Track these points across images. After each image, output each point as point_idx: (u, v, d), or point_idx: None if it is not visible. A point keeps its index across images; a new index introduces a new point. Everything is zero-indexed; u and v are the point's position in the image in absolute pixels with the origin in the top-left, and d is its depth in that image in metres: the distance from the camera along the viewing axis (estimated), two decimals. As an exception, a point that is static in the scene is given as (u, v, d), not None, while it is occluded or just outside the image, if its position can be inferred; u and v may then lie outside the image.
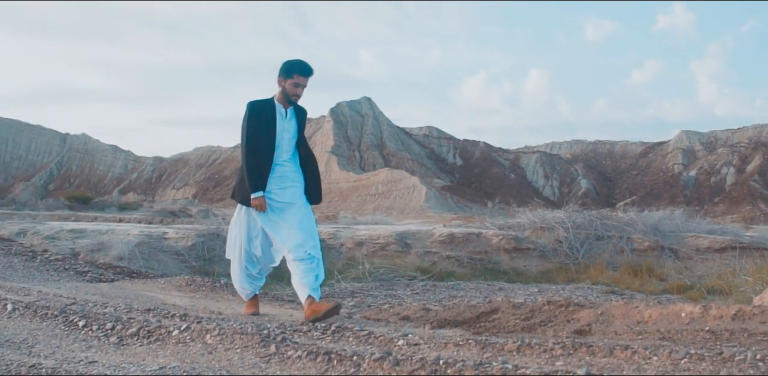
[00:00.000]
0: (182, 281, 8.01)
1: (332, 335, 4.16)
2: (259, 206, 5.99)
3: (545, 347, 3.41)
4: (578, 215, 23.38)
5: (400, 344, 3.82)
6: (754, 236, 24.99)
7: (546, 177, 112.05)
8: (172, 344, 3.84)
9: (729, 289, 13.15)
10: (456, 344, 3.67)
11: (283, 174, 6.15)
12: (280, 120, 6.11)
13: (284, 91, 6.12)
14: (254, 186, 5.99)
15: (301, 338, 4.12)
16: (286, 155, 6.18)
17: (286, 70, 6.10)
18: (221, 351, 3.60)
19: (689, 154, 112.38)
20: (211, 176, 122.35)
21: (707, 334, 4.50)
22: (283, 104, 6.16)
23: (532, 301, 12.66)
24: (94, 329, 4.32)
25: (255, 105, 6.10)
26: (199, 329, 3.91)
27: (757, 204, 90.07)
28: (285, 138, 6.15)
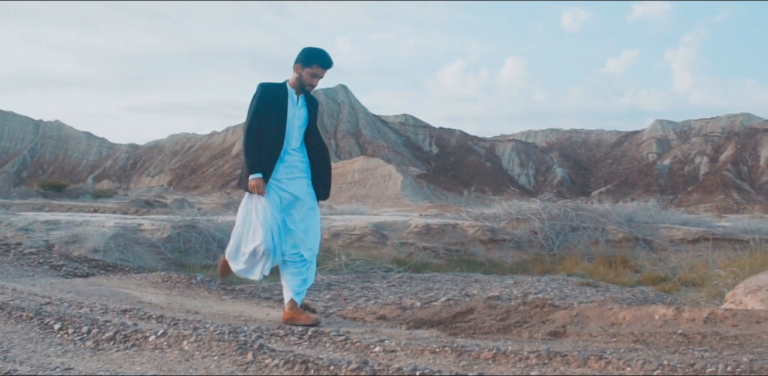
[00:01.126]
0: (158, 277, 7.97)
1: (309, 340, 4.16)
2: (257, 187, 5.72)
3: (520, 356, 3.43)
4: (553, 206, 23.51)
5: (376, 351, 3.83)
6: (727, 227, 25.25)
7: (521, 165, 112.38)
8: (149, 350, 3.83)
9: (702, 281, 13.27)
10: (432, 351, 3.69)
11: (292, 163, 5.94)
12: (291, 106, 5.91)
13: (300, 78, 5.93)
14: (252, 167, 5.74)
15: (278, 343, 4.12)
16: (295, 143, 5.96)
17: (306, 58, 5.91)
18: (198, 358, 3.60)
19: (663, 143, 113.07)
20: (186, 164, 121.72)
21: (680, 337, 4.54)
22: (296, 91, 5.97)
23: (507, 294, 12.75)
24: (69, 333, 4.30)
25: (267, 87, 5.91)
26: (176, 335, 3.90)
27: (730, 193, 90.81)
28: (295, 125, 5.93)
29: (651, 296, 13.26)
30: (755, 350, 4.17)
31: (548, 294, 12.99)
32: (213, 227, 16.58)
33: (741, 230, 22.98)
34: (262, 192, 5.73)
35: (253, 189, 5.76)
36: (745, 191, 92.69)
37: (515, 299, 12.39)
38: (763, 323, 4.68)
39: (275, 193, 5.81)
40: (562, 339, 4.79)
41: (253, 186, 5.74)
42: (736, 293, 8.07)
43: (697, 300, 11.33)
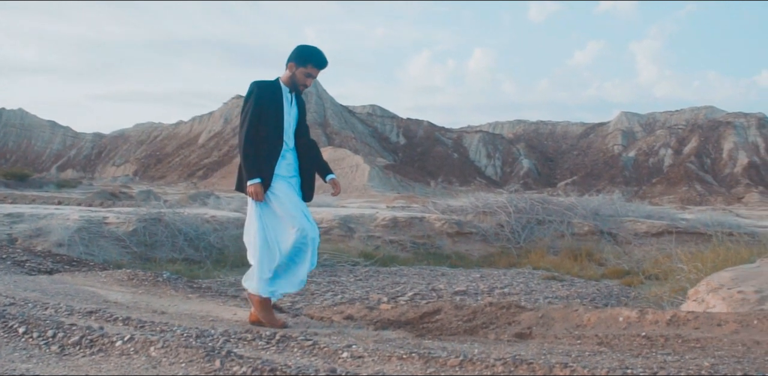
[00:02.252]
0: (124, 274, 7.91)
1: (277, 344, 4.16)
2: (256, 193, 5.48)
3: (487, 363, 3.47)
4: (520, 198, 23.66)
5: (344, 357, 3.84)
6: (690, 220, 25.50)
7: (488, 157, 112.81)
8: (116, 356, 3.81)
9: (665, 276, 13.41)
10: (400, 358, 3.71)
11: (290, 161, 5.75)
12: (286, 104, 5.72)
13: (294, 77, 5.72)
14: (251, 172, 5.50)
15: (246, 347, 4.12)
16: (290, 142, 5.78)
17: (301, 57, 5.69)
18: (166, 365, 3.59)
19: (629, 135, 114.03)
20: (152, 153, 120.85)
21: (643, 340, 4.60)
22: (289, 89, 5.77)
23: (474, 289, 12.84)
24: (34, 337, 4.26)
25: (262, 85, 5.66)
26: (143, 341, 3.89)
27: (693, 185, 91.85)
28: (291, 124, 5.77)
29: (615, 291, 13.40)
30: (716, 354, 4.24)
31: (514, 289, 13.09)
32: (179, 220, 16.47)
33: (703, 224, 23.24)
34: (261, 199, 5.50)
35: (252, 195, 5.54)
36: (708, 183, 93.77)
37: (482, 293, 12.47)
38: (724, 325, 4.76)
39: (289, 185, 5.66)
40: (528, 341, 4.84)
41: (252, 193, 5.53)
42: (699, 290, 8.17)
43: (661, 295, 11.46)
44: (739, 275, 8.31)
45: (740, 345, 4.38)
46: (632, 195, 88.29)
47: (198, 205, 24.42)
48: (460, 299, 11.80)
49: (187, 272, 13.51)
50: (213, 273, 13.65)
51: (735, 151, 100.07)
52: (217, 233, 16.56)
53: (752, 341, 4.42)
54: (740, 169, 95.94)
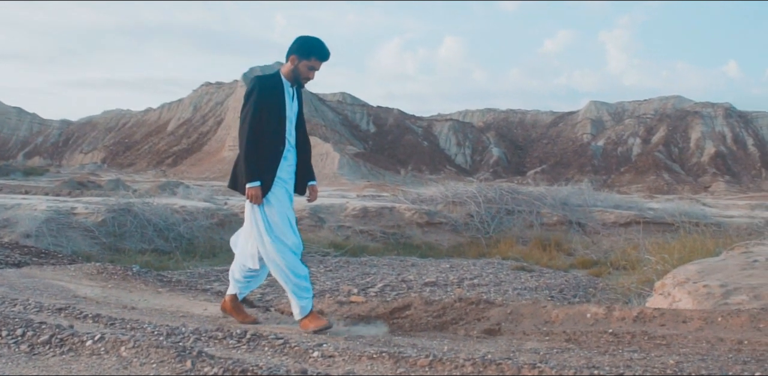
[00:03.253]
0: (93, 268, 7.85)
1: (248, 343, 4.17)
2: (255, 197, 5.25)
3: (456, 363, 3.50)
4: (489, 189, 23.75)
5: (315, 356, 3.86)
6: (657, 210, 25.74)
7: (458, 145, 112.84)
8: (86, 356, 3.81)
9: (633, 266, 13.56)
10: (370, 357, 3.74)
11: (290, 161, 5.52)
12: (287, 100, 5.46)
13: (296, 71, 5.45)
14: (251, 174, 5.26)
15: (217, 346, 4.13)
16: (292, 139, 5.52)
17: (303, 49, 5.42)
18: (137, 366, 3.58)
19: (598, 124, 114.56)
20: (120, 141, 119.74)
21: (610, 337, 4.67)
22: (291, 83, 5.50)
23: (443, 279, 12.91)
24: (3, 336, 4.23)
25: (264, 82, 5.43)
26: (114, 341, 3.88)
27: (661, 174, 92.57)
28: (292, 120, 5.52)
29: (584, 282, 13.53)
30: (681, 351, 4.31)
31: (483, 279, 13.18)
32: (148, 210, 16.40)
33: (670, 214, 23.49)
34: (259, 202, 5.28)
35: (251, 199, 5.29)
36: (676, 172, 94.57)
37: (451, 284, 12.55)
38: (689, 322, 4.84)
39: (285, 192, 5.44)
40: (497, 338, 4.89)
41: (251, 196, 5.28)
42: (665, 283, 8.28)
43: (628, 286, 11.60)
44: (705, 268, 8.42)
45: (705, 342, 4.46)
46: (601, 184, 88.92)
47: (167, 195, 24.31)
48: (430, 290, 11.87)
49: (157, 263, 13.48)
50: (183, 264, 13.63)
51: (702, 140, 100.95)
52: (186, 223, 16.52)
53: (716, 338, 4.50)
54: (707, 159, 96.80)
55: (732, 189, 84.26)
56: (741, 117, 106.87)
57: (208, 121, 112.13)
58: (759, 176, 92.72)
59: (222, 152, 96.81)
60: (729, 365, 3.93)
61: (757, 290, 6.73)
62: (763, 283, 7.13)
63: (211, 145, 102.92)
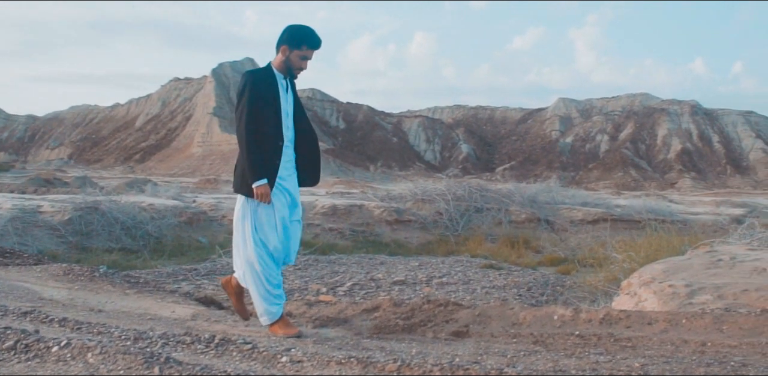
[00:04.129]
0: (60, 269, 7.79)
1: (216, 348, 4.16)
2: (264, 195, 5.07)
3: (424, 369, 3.52)
4: (458, 186, 23.82)
5: (283, 361, 3.86)
6: (624, 207, 25.98)
7: (428, 141, 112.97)
8: (52, 362, 3.78)
9: (600, 264, 13.66)
10: (339, 362, 3.75)
11: (288, 157, 5.33)
12: (282, 93, 5.28)
13: (288, 61, 5.28)
14: (258, 173, 5.07)
15: (185, 351, 4.11)
16: (290, 134, 5.33)
17: (294, 39, 5.26)
18: (104, 372, 3.56)
19: (566, 121, 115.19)
20: (87, 136, 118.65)
21: (577, 339, 4.72)
22: (283, 75, 5.33)
23: (412, 278, 12.94)
24: (-32, 341, 4.20)
25: (256, 76, 5.25)
26: (81, 346, 3.85)
27: (629, 171, 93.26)
28: (288, 113, 5.34)
29: (551, 280, 13.62)
30: (646, 353, 4.36)
31: (452, 278, 13.22)
32: (116, 208, 16.27)
33: (637, 211, 23.73)
34: (269, 200, 5.12)
35: (259, 198, 5.09)
36: (643, 169, 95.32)
37: (420, 283, 12.58)
38: (655, 324, 4.90)
39: (281, 193, 5.25)
40: (465, 340, 4.92)
41: (259, 195, 5.08)
42: (632, 282, 8.36)
43: (595, 285, 11.69)
44: (670, 268, 8.51)
45: (669, 344, 4.51)
46: (569, 180, 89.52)
47: (135, 192, 24.16)
48: (399, 289, 11.89)
49: (124, 262, 13.40)
50: (150, 263, 13.54)
51: (669, 137, 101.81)
52: (154, 221, 16.42)
53: (681, 340, 4.56)
54: (673, 156, 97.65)
55: (698, 186, 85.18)
56: (707, 114, 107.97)
57: (177, 117, 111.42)
58: (724, 173, 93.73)
59: (191, 148, 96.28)
60: (693, 367, 3.98)
61: (720, 290, 6.82)
62: (727, 282, 7.22)
63: (180, 141, 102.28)
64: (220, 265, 13.66)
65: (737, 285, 6.99)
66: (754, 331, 4.63)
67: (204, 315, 6.03)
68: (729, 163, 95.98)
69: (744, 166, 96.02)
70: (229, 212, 19.44)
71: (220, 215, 19.09)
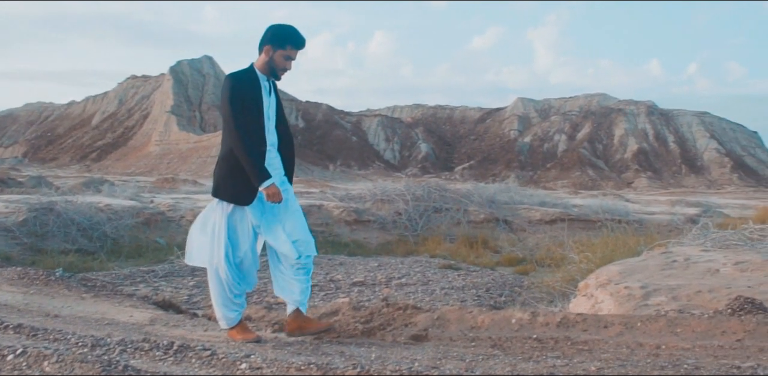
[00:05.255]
0: (14, 273, 7.67)
1: (174, 355, 4.13)
2: (275, 194, 4.95)
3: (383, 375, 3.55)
4: (418, 187, 23.89)
5: (242, 368, 3.86)
6: (581, 207, 26.24)
7: (387, 140, 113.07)
8: (7, 372, 3.73)
9: (557, 264, 13.79)
10: (298, 369, 3.75)
11: (269, 161, 5.14)
12: (264, 95, 5.13)
13: (272, 62, 5.13)
14: (262, 175, 4.92)
15: (143, 358, 4.08)
16: (272, 137, 5.19)
17: (277, 38, 5.12)
18: (60, 381, 3.54)
19: (525, 120, 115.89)
20: (42, 134, 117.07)
21: (535, 342, 4.77)
22: (267, 76, 5.18)
23: (371, 279, 12.97)
24: None
25: (239, 78, 5.08)
26: (36, 355, 3.81)
27: (586, 170, 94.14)
28: (270, 116, 5.20)
29: (510, 280, 13.74)
30: (602, 357, 4.42)
31: (411, 279, 13.28)
32: (72, 209, 16.09)
33: (594, 211, 23.98)
34: (281, 199, 5.00)
35: (270, 198, 4.97)
36: (600, 169, 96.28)
37: (379, 284, 12.62)
38: (610, 327, 4.96)
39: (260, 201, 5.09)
40: (424, 344, 4.95)
41: (270, 195, 4.96)
42: (588, 284, 8.46)
43: (553, 285, 11.79)
44: (626, 269, 8.63)
45: (625, 347, 4.58)
46: (527, 180, 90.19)
47: (92, 192, 23.90)
48: (358, 290, 11.92)
49: (81, 263, 13.26)
50: (107, 265, 13.42)
51: (625, 137, 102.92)
52: (111, 222, 16.27)
53: (636, 343, 4.63)
54: (630, 155, 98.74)
55: (654, 185, 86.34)
56: (662, 115, 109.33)
57: (134, 115, 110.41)
58: (679, 173, 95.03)
59: (148, 147, 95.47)
60: (647, 370, 4.04)
61: (675, 292, 6.93)
62: (681, 284, 7.33)
63: (137, 139, 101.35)
64: (179, 266, 13.58)
65: (691, 286, 7.11)
66: (707, 334, 4.72)
67: (162, 319, 5.99)
68: (684, 163, 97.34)
69: (698, 166, 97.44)
70: (187, 212, 19.32)
71: (178, 216, 18.96)
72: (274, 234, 5.12)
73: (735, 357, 4.31)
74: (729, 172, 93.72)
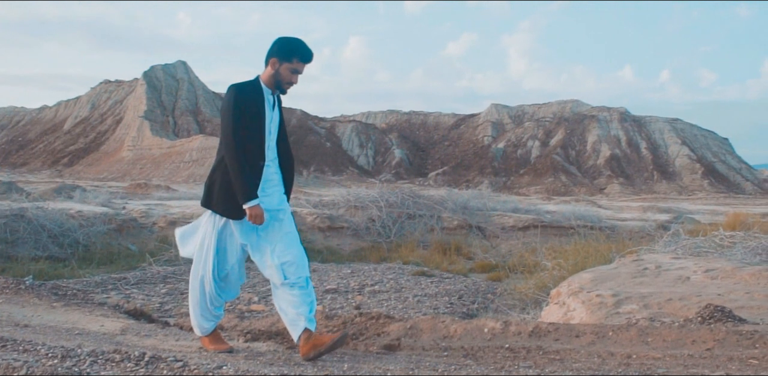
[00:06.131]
0: (-17, 281, 7.60)
1: (146, 366, 4.10)
2: (258, 216, 4.81)
3: (355, 386, 3.55)
4: (391, 193, 23.89)
5: (214, 380, 3.85)
6: (554, 213, 26.33)
7: (361, 146, 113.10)
8: (-25, 385, 3.70)
9: (530, 271, 13.85)
10: (270, 380, 3.75)
11: (268, 176, 5.02)
12: (267, 109, 5.00)
13: (278, 75, 5.01)
14: (248, 193, 4.80)
15: (114, 370, 4.04)
16: (271, 153, 5.06)
17: (284, 51, 4.99)
18: (29, 393, 3.51)
19: (498, 126, 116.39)
20: (13, 139, 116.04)
21: (507, 352, 4.78)
22: (271, 90, 5.05)
23: (344, 286, 12.96)
24: None
25: (242, 89, 4.95)
26: (6, 367, 3.77)
27: (559, 176, 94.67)
28: (272, 131, 5.06)
29: (483, 287, 13.76)
30: (574, 366, 4.44)
31: (384, 286, 13.27)
32: (43, 215, 15.94)
33: (567, 217, 24.07)
34: (262, 221, 4.85)
35: (253, 219, 4.82)
36: (573, 174, 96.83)
37: (352, 291, 12.61)
38: (582, 337, 4.99)
39: None
40: (397, 353, 4.95)
41: (253, 216, 4.82)
42: (561, 291, 8.50)
43: (526, 292, 11.84)
44: (598, 277, 8.69)
45: (596, 357, 4.61)
46: (500, 186, 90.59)
47: (63, 198, 23.70)
48: (331, 297, 11.90)
49: (51, 271, 13.15)
50: (78, 272, 13.31)
51: (598, 143, 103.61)
52: (83, 229, 16.14)
53: (607, 352, 4.66)
54: (603, 161, 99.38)
55: (626, 191, 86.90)
56: (635, 121, 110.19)
57: (107, 120, 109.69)
58: (651, 179, 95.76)
59: (120, 152, 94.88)
60: (618, 380, 4.07)
61: (646, 300, 6.98)
62: (652, 292, 7.39)
63: (110, 144, 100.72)
64: (150, 273, 13.50)
65: (662, 294, 7.17)
66: (677, 343, 4.75)
67: (134, 329, 5.95)
68: (656, 169, 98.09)
69: (670, 172, 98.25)
70: (159, 218, 19.22)
71: (150, 222, 18.85)
72: (261, 256, 4.99)
73: (705, 366, 4.35)
74: (700, 178, 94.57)
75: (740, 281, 7.80)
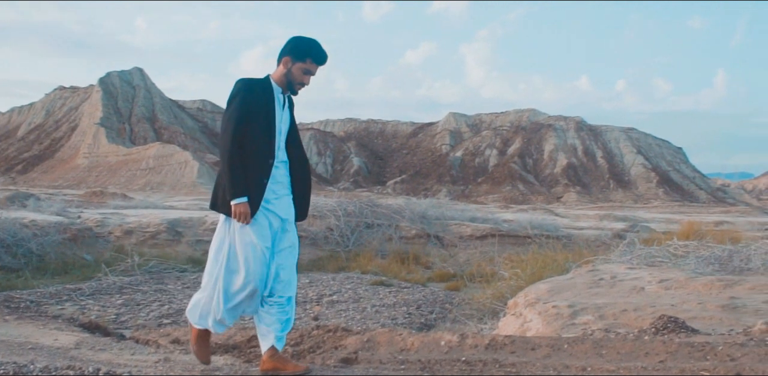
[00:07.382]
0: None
1: (100, 382, 4.08)
2: (243, 214, 4.53)
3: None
4: (350, 202, 23.91)
5: (170, 396, 3.83)
6: (512, 222, 26.53)
7: (320, 154, 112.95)
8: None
9: (487, 280, 13.93)
10: (226, 396, 3.73)
11: (279, 178, 4.79)
12: (278, 108, 4.81)
13: (289, 75, 4.84)
14: (237, 189, 4.55)
15: (68, 385, 4.02)
16: (282, 154, 4.83)
17: (298, 50, 4.84)
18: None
19: (456, 135, 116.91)
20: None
21: (463, 365, 4.80)
22: (282, 89, 4.86)
23: (302, 296, 12.93)
24: None
25: (250, 84, 4.76)
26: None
27: (517, 185, 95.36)
28: (282, 132, 4.85)
29: (441, 297, 13.82)
30: (530, 379, 4.48)
31: (342, 296, 13.27)
32: (-5, 225, 15.71)
33: (524, 226, 24.25)
34: (248, 221, 4.57)
35: (238, 217, 4.56)
36: (530, 183, 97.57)
37: (311, 302, 12.59)
38: (538, 349, 5.03)
39: (264, 217, 4.69)
40: (354, 366, 4.94)
41: (239, 214, 4.56)
42: (518, 302, 8.56)
43: (483, 302, 11.90)
44: (554, 287, 8.76)
45: (552, 370, 4.64)
46: (458, 194, 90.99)
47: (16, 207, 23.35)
48: (289, 308, 11.86)
49: (4, 281, 12.97)
50: (32, 283, 13.12)
51: (555, 152, 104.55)
52: (37, 238, 15.93)
53: (563, 365, 4.69)
54: (560, 170, 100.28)
55: (583, 199, 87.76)
56: (591, 130, 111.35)
57: (62, 126, 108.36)
58: (607, 187, 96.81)
59: (76, 159, 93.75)
60: (573, 393, 4.11)
61: (601, 310, 7.05)
62: (608, 302, 7.47)
63: (65, 152, 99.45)
64: (106, 284, 13.37)
65: (617, 305, 7.24)
66: (631, 355, 4.81)
67: (88, 343, 5.89)
68: (612, 178, 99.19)
69: (626, 181, 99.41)
70: (115, 228, 19.04)
71: (106, 231, 18.67)
72: None
73: (658, 379, 4.41)
74: (655, 186, 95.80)
75: (693, 292, 7.92)
